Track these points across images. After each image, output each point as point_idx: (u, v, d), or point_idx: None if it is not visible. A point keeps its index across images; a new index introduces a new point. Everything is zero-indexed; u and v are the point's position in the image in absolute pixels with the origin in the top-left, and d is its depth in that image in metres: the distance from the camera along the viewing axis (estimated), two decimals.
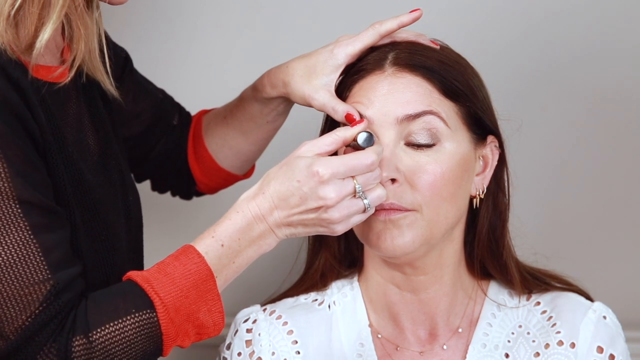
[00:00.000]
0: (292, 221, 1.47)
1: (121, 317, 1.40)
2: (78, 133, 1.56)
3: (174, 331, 1.42)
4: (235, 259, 1.46)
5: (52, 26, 1.44)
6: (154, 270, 1.44)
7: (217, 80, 2.17)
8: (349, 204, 1.46)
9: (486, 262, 1.65)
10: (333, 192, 1.45)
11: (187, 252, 1.45)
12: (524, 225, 1.71)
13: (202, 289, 1.43)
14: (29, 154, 1.41)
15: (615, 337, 1.63)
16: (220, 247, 1.45)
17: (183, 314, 1.42)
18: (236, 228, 1.46)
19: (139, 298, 1.41)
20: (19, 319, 1.38)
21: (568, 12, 2.12)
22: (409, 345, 1.64)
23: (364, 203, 1.47)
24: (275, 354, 1.64)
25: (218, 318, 1.46)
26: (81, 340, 1.39)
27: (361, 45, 1.61)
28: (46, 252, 1.39)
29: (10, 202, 1.38)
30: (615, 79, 2.14)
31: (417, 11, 1.62)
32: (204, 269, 1.44)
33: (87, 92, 1.62)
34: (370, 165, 1.46)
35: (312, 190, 1.45)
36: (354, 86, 1.59)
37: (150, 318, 1.41)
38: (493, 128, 1.62)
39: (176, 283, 1.42)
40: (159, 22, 2.18)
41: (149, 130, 1.84)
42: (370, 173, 1.47)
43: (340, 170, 1.45)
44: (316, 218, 1.46)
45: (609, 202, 2.17)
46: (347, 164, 1.46)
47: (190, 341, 1.46)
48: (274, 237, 1.48)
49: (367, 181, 1.47)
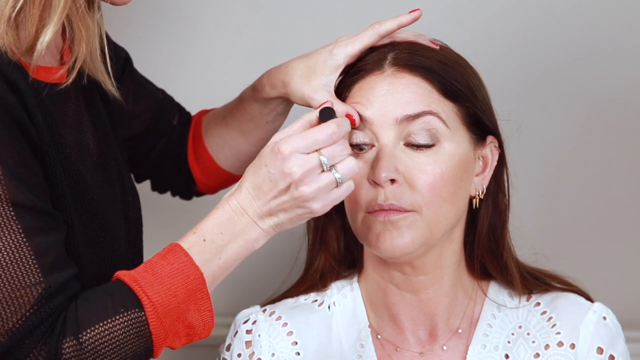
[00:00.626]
0: (271, 209, 1.45)
1: (110, 316, 1.40)
2: (77, 134, 1.56)
3: (163, 331, 1.42)
4: (220, 255, 1.45)
5: (52, 28, 1.44)
6: (142, 270, 1.43)
7: (217, 80, 2.17)
8: (317, 179, 1.43)
9: (486, 263, 1.65)
10: (296, 166, 1.43)
11: (173, 250, 1.45)
12: (524, 225, 1.70)
13: (190, 287, 1.43)
14: (25, 156, 1.41)
15: (615, 337, 1.63)
16: (202, 242, 1.45)
17: (172, 313, 1.42)
18: (217, 222, 1.46)
19: (127, 297, 1.41)
20: (9, 322, 1.38)
21: (568, 12, 2.12)
22: (409, 346, 1.64)
23: (334, 176, 1.44)
24: (275, 355, 1.63)
25: (207, 317, 1.45)
26: (71, 342, 1.39)
27: (361, 46, 1.61)
28: (39, 255, 1.39)
29: (3, 204, 1.38)
30: (615, 79, 2.14)
31: (416, 11, 1.62)
32: (190, 267, 1.43)
33: (87, 93, 1.62)
34: (331, 135, 1.44)
35: (278, 170, 1.43)
36: (353, 86, 1.59)
37: (138, 317, 1.40)
38: (493, 128, 1.62)
39: (164, 282, 1.42)
40: (159, 22, 2.18)
41: (149, 130, 1.84)
42: (335, 145, 1.44)
43: (301, 145, 1.43)
44: (290, 199, 1.44)
45: (609, 202, 2.17)
46: (307, 137, 1.44)
47: (180, 342, 1.45)
48: (258, 230, 1.46)
49: (333, 154, 1.44)
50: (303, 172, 1.42)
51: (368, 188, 1.55)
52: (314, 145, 1.44)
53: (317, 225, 1.69)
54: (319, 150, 1.44)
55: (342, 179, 1.44)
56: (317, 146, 1.44)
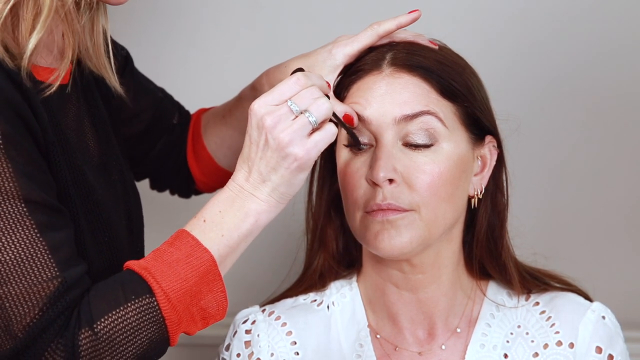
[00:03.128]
0: (260, 171, 1.45)
1: (122, 304, 1.40)
2: (78, 134, 1.57)
3: (176, 316, 1.42)
4: (222, 231, 1.45)
5: (36, 36, 1.44)
6: (151, 258, 1.44)
7: (217, 80, 2.17)
8: (291, 123, 1.43)
9: (485, 262, 1.65)
10: (267, 116, 1.43)
11: (180, 236, 1.45)
12: (523, 225, 1.70)
13: (201, 270, 1.43)
14: (33, 155, 1.42)
15: (614, 337, 1.63)
16: (202, 222, 1.45)
17: (185, 298, 1.42)
18: (215, 202, 1.47)
19: (137, 285, 1.41)
20: (27, 317, 1.38)
21: (567, 12, 2.12)
22: (408, 346, 1.64)
23: (308, 119, 1.43)
24: (274, 354, 1.64)
25: (221, 298, 1.45)
26: (87, 333, 1.39)
27: (359, 46, 1.61)
28: (53, 250, 1.40)
29: (16, 201, 1.38)
30: (614, 79, 2.14)
31: (415, 12, 1.62)
32: (198, 249, 1.43)
33: (88, 94, 1.62)
34: (295, 82, 1.44)
35: (255, 128, 1.44)
36: (351, 86, 1.59)
37: (150, 303, 1.41)
38: (491, 128, 1.62)
39: (173, 267, 1.42)
40: (159, 22, 2.18)
41: (149, 129, 1.85)
42: (303, 91, 1.44)
43: (269, 98, 1.44)
44: (272, 152, 1.44)
45: (608, 201, 2.17)
46: (273, 91, 1.45)
47: (196, 326, 1.45)
48: (257, 200, 1.46)
49: (302, 98, 1.44)
50: (273, 119, 1.42)
51: (366, 188, 1.55)
52: (280, 96, 1.44)
53: (316, 225, 1.69)
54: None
55: (316, 120, 1.44)
56: (284, 96, 1.44)
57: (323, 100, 1.44)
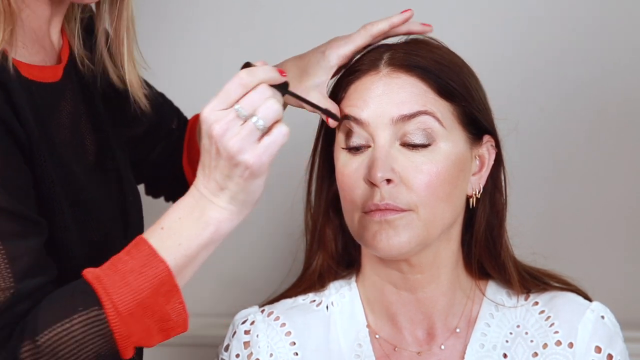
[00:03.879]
0: (217, 181, 1.39)
1: (69, 316, 1.36)
2: (73, 133, 1.56)
3: (126, 329, 1.37)
4: (179, 240, 1.40)
5: None
6: (106, 267, 1.40)
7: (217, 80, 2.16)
8: (239, 129, 1.37)
9: (484, 262, 1.65)
10: (216, 124, 1.37)
11: (138, 244, 1.40)
12: (522, 224, 1.70)
13: (156, 281, 1.38)
14: (10, 158, 1.40)
15: (613, 336, 1.63)
16: (160, 229, 1.40)
17: (137, 310, 1.38)
18: (176, 208, 1.42)
19: (87, 296, 1.37)
20: None
21: (565, 11, 2.12)
22: (407, 346, 1.64)
23: (254, 124, 1.37)
24: (273, 355, 1.64)
25: (179, 309, 1.40)
26: (29, 345, 1.35)
27: (353, 47, 1.62)
28: (12, 259, 1.37)
29: None
30: (613, 78, 2.13)
31: (408, 11, 1.63)
32: (154, 259, 1.39)
33: (86, 92, 1.62)
34: (239, 83, 1.38)
35: (205, 137, 1.39)
36: (349, 87, 1.59)
37: (97, 316, 1.36)
38: (489, 127, 1.62)
39: (126, 278, 1.37)
40: (159, 22, 2.18)
41: (148, 133, 1.84)
42: (252, 92, 1.38)
43: (215, 103, 1.38)
44: (224, 162, 1.38)
45: (607, 201, 2.17)
46: (220, 94, 1.39)
47: (154, 339, 1.41)
48: (216, 208, 1.40)
49: (250, 101, 1.37)
50: (221, 127, 1.36)
51: (364, 188, 1.55)
52: (227, 99, 1.38)
53: (315, 225, 1.69)
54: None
55: (264, 124, 1.37)
56: (230, 99, 1.38)
57: (272, 102, 1.37)
